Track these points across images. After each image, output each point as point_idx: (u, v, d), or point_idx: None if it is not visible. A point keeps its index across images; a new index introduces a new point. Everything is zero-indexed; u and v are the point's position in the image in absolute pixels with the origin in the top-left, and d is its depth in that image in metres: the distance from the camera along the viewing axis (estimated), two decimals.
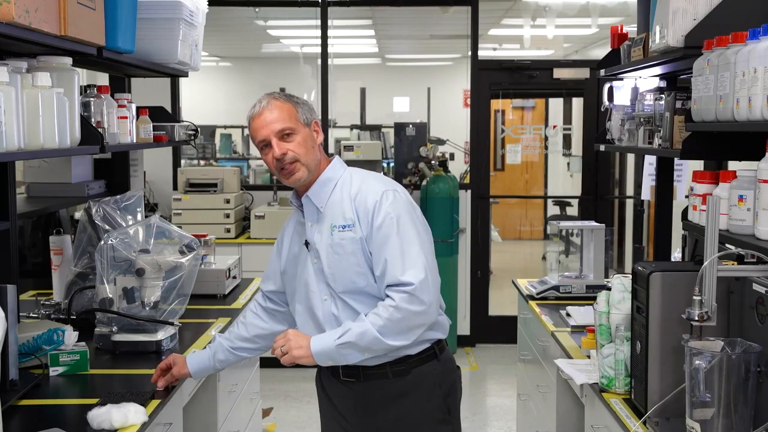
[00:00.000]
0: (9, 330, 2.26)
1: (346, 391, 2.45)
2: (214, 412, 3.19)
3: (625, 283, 2.50)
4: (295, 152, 2.35)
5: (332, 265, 2.35)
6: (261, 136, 2.36)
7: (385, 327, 2.24)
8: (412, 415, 2.39)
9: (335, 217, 2.37)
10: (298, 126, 2.37)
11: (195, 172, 6.42)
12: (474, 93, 6.87)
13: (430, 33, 9.25)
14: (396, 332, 2.26)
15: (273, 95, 2.41)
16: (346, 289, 2.35)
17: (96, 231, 3.15)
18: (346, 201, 2.37)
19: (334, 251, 2.35)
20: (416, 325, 2.28)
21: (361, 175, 2.45)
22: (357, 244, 2.32)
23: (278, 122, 2.34)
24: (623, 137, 3.42)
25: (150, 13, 3.30)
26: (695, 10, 2.62)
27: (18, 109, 2.20)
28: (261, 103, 2.39)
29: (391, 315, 2.24)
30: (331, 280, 2.36)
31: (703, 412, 2.05)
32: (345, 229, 2.34)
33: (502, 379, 6.03)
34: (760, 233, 2.06)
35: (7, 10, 2.02)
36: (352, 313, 2.34)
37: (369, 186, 2.38)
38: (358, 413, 2.44)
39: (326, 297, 2.39)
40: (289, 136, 2.35)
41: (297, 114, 2.38)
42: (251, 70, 11.53)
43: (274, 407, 5.04)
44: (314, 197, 2.40)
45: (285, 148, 2.34)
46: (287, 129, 2.35)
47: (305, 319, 2.45)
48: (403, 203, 2.35)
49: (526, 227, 11.97)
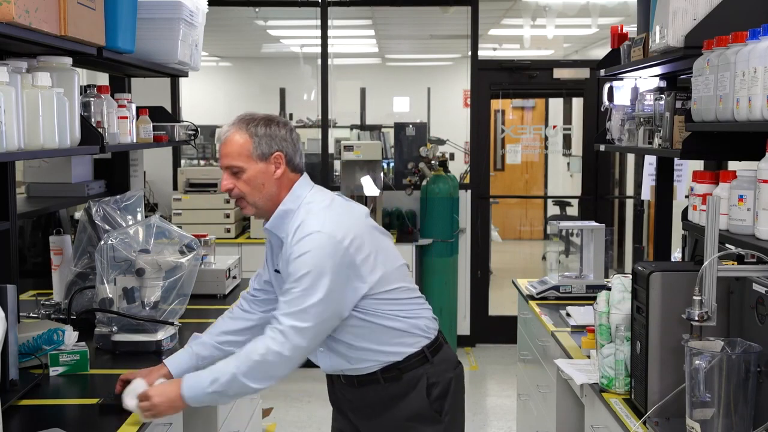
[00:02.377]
0: (9, 330, 2.25)
1: (346, 394, 2.48)
2: (214, 412, 3.19)
3: (625, 283, 2.50)
4: (240, 190, 2.34)
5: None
6: (220, 165, 2.38)
7: (249, 371, 2.21)
8: (398, 417, 2.41)
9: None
10: (249, 163, 2.31)
11: (195, 172, 6.42)
12: (474, 93, 6.87)
13: (430, 33, 9.24)
14: (258, 377, 2.23)
15: (239, 122, 2.34)
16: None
17: (96, 231, 3.15)
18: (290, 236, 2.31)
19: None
20: (279, 370, 2.25)
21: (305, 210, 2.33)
22: None
23: (227, 158, 2.33)
24: (623, 137, 3.42)
25: (150, 13, 3.30)
26: (695, 10, 2.62)
27: (18, 109, 2.20)
28: (227, 129, 2.35)
29: (258, 359, 2.20)
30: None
31: (703, 412, 2.05)
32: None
33: (502, 379, 6.03)
34: (760, 233, 2.06)
35: (7, 10, 2.02)
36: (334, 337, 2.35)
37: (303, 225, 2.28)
38: (358, 416, 2.48)
39: None
40: (237, 173, 2.33)
41: (251, 149, 2.30)
42: (251, 70, 11.53)
43: (274, 407, 5.04)
44: (274, 229, 2.38)
45: (232, 183, 2.33)
46: (235, 167, 2.32)
47: None
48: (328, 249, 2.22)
49: (526, 227, 11.97)
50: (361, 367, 2.40)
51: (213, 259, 3.97)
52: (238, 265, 4.13)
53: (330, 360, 2.42)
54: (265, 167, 2.33)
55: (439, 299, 6.23)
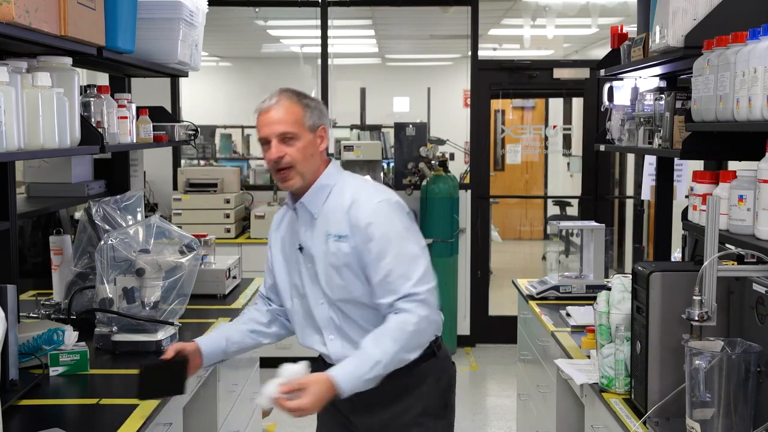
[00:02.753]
0: (9, 330, 2.25)
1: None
2: (214, 412, 3.19)
3: (625, 283, 2.50)
4: (292, 158, 2.30)
5: (328, 273, 2.34)
6: (263, 133, 2.33)
7: (406, 340, 2.23)
8: (409, 412, 2.39)
9: (330, 225, 2.34)
10: (302, 131, 2.31)
11: (195, 172, 6.42)
12: (474, 93, 6.87)
13: (430, 33, 9.24)
14: (414, 347, 2.26)
15: (286, 92, 2.36)
16: (342, 298, 2.35)
17: (96, 231, 3.15)
18: (339, 212, 2.33)
19: (329, 260, 2.33)
20: (429, 334, 2.31)
21: (354, 184, 2.39)
22: (351, 257, 2.30)
23: (281, 124, 2.30)
24: (623, 137, 3.42)
25: (150, 13, 3.30)
26: (695, 10, 2.62)
27: (18, 109, 2.20)
28: (272, 98, 2.34)
29: (405, 328, 2.22)
30: (326, 288, 2.35)
31: (703, 412, 2.04)
32: (340, 239, 2.31)
33: (502, 379, 6.03)
34: (760, 233, 2.06)
35: (7, 10, 2.02)
36: (348, 320, 2.35)
37: (362, 197, 2.32)
38: (358, 413, 2.45)
39: (322, 301, 2.38)
40: (290, 140, 2.30)
41: (304, 118, 2.31)
42: (251, 70, 11.53)
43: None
44: (309, 204, 2.37)
45: (283, 151, 2.29)
46: (289, 133, 2.29)
47: (302, 318, 2.45)
48: (397, 213, 2.32)
49: (526, 227, 11.97)
50: None
51: (213, 259, 3.97)
52: (238, 265, 4.13)
53: (342, 348, 2.38)
54: (313, 139, 2.34)
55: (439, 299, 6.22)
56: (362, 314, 2.35)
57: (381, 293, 2.28)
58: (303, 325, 2.46)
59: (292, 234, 2.46)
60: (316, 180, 2.37)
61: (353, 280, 2.32)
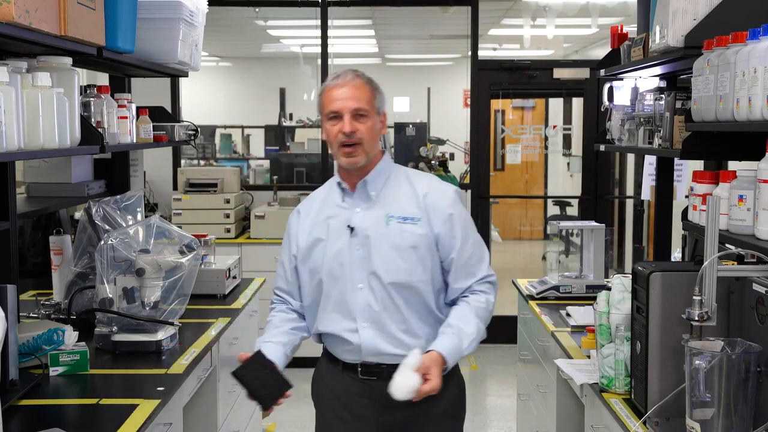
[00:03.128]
0: (9, 330, 2.25)
1: (363, 390, 2.43)
2: (214, 412, 3.19)
3: (625, 283, 2.50)
4: (362, 135, 2.35)
5: (385, 255, 2.36)
6: (335, 107, 2.36)
7: (486, 318, 2.42)
8: (430, 411, 2.40)
9: (391, 207, 2.39)
10: (372, 112, 2.38)
11: (195, 172, 6.42)
12: (474, 93, 6.87)
13: (430, 33, 9.25)
14: (487, 321, 2.44)
15: (359, 73, 2.41)
16: (397, 281, 2.36)
17: (96, 231, 3.15)
18: (409, 197, 2.41)
19: (390, 241, 2.37)
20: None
21: (411, 172, 2.51)
22: (423, 239, 2.37)
23: (357, 101, 2.35)
24: (623, 137, 3.42)
25: (150, 13, 3.30)
26: (695, 10, 2.62)
27: (18, 109, 2.20)
28: (346, 75, 2.39)
29: (487, 307, 2.43)
30: (380, 269, 2.36)
31: (703, 412, 2.04)
32: (407, 221, 2.38)
33: (502, 379, 6.03)
34: (760, 233, 2.06)
35: (7, 10, 2.02)
36: (390, 307, 2.36)
37: (436, 186, 2.46)
38: (376, 411, 2.42)
39: (362, 285, 2.38)
40: (362, 117, 2.36)
41: (374, 100, 2.40)
42: (251, 70, 11.54)
43: (274, 407, 5.03)
44: (371, 184, 2.42)
45: (355, 126, 2.34)
46: (363, 110, 2.35)
47: (331, 303, 2.41)
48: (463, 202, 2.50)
49: (526, 227, 11.96)
50: (396, 351, 2.35)
51: (213, 259, 3.97)
52: (238, 265, 4.13)
53: (374, 339, 2.37)
54: (378, 121, 2.42)
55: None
56: (410, 301, 2.37)
57: (461, 277, 2.42)
58: (329, 310, 2.42)
59: (337, 217, 2.44)
60: (377, 164, 2.43)
61: (416, 264, 2.36)
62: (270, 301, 2.61)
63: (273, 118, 9.75)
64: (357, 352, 2.41)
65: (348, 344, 2.41)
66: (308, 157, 7.25)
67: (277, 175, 6.98)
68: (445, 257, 2.41)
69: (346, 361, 2.45)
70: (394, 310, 2.37)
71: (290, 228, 2.53)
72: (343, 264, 2.39)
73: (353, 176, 2.42)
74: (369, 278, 2.37)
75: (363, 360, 2.41)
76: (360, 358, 2.41)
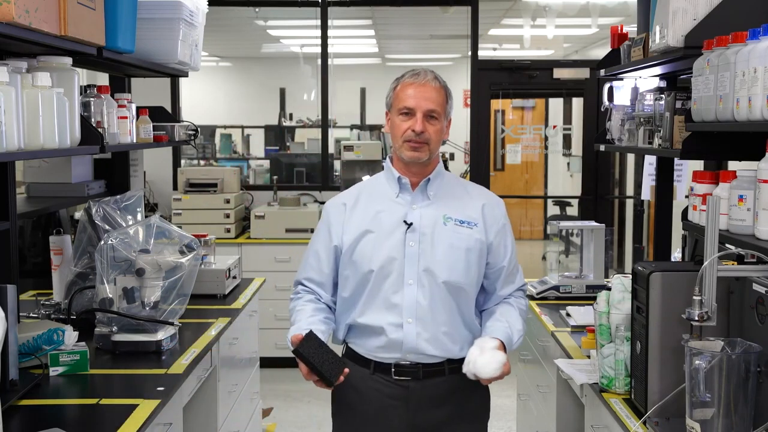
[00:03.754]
0: (9, 330, 2.25)
1: (395, 391, 2.42)
2: (214, 412, 3.19)
3: (625, 283, 2.50)
4: (430, 136, 2.40)
5: (442, 253, 2.39)
6: (410, 103, 2.40)
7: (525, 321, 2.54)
8: (461, 411, 2.44)
9: (449, 209, 2.45)
10: (442, 116, 2.43)
11: (195, 172, 6.42)
12: (474, 93, 6.87)
13: (430, 33, 9.25)
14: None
15: (437, 75, 2.46)
16: (451, 280, 2.40)
17: (96, 231, 3.15)
18: (465, 201, 2.48)
19: (448, 241, 2.40)
20: None
21: (467, 181, 2.65)
22: (477, 244, 2.44)
23: (432, 102, 2.40)
24: (623, 137, 3.42)
25: (150, 13, 3.30)
26: (695, 10, 2.62)
27: (18, 109, 2.20)
28: (426, 75, 2.43)
29: (526, 310, 2.58)
30: (435, 267, 2.38)
31: (703, 412, 2.04)
32: (464, 225, 2.44)
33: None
34: (760, 233, 2.06)
35: (7, 10, 2.02)
36: (437, 306, 2.39)
37: (491, 196, 2.56)
38: (410, 412, 2.42)
39: (412, 281, 2.38)
40: (433, 119, 2.41)
41: (446, 105, 2.45)
42: (251, 70, 11.54)
43: (274, 407, 5.04)
44: (432, 183, 2.47)
45: (426, 127, 2.40)
46: (436, 112, 2.41)
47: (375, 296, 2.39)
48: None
49: (526, 227, 11.96)
50: (434, 353, 2.38)
51: (213, 259, 3.97)
52: (238, 265, 4.13)
53: (416, 336, 2.37)
54: (445, 125, 2.48)
55: None
56: (457, 302, 2.41)
57: (505, 284, 2.53)
58: (373, 303, 2.40)
59: (388, 211, 2.45)
60: (436, 166, 2.50)
61: (468, 266, 2.42)
62: (294, 291, 2.55)
63: (273, 118, 9.76)
64: (395, 349, 2.39)
65: (386, 340, 2.39)
66: (308, 157, 7.26)
67: (277, 175, 6.98)
68: (495, 265, 2.49)
69: (378, 360, 2.43)
70: (441, 310, 2.39)
71: (330, 219, 2.50)
72: (395, 258, 2.39)
73: (413, 174, 2.47)
74: (420, 275, 2.38)
75: (399, 359, 2.41)
76: (399, 354, 2.40)
